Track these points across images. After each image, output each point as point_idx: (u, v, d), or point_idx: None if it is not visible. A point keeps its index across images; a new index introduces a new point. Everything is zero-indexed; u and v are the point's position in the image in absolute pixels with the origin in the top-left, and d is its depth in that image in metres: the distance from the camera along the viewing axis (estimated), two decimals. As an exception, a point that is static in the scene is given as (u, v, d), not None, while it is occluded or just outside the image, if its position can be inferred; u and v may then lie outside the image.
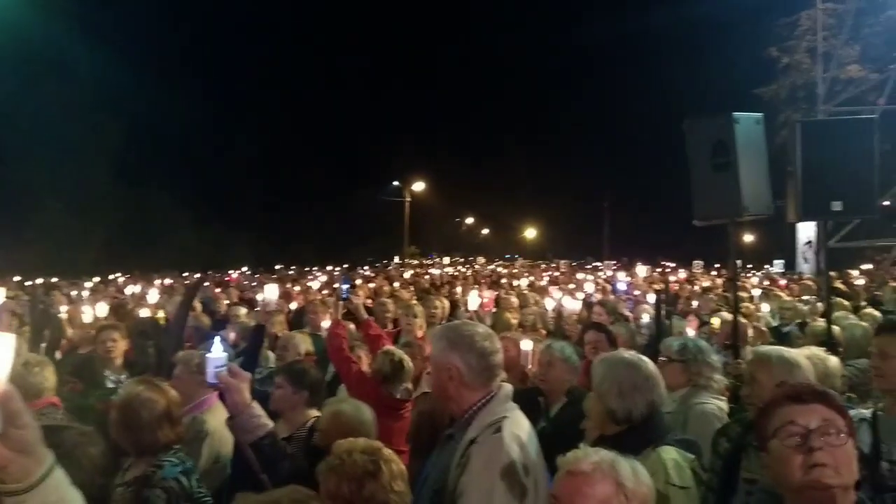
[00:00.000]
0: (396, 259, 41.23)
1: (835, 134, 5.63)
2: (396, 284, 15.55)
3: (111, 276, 23.55)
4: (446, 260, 41.88)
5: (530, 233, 63.11)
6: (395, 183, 45.99)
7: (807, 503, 1.80)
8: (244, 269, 29.83)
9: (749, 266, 27.47)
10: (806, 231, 20.95)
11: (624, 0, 57.35)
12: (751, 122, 5.34)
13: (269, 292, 6.29)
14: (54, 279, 20.81)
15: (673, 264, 29.33)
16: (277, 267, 30.92)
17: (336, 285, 5.56)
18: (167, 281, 19.53)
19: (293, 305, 10.08)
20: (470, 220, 59.33)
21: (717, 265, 25.68)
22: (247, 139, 49.18)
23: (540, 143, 60.59)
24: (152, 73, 39.86)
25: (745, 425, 3.06)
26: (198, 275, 21.85)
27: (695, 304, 9.95)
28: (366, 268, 30.10)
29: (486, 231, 62.08)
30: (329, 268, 27.76)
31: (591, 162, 57.11)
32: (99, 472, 2.53)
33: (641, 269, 15.47)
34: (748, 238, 40.28)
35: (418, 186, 46.39)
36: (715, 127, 5.34)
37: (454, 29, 68.79)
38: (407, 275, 19.94)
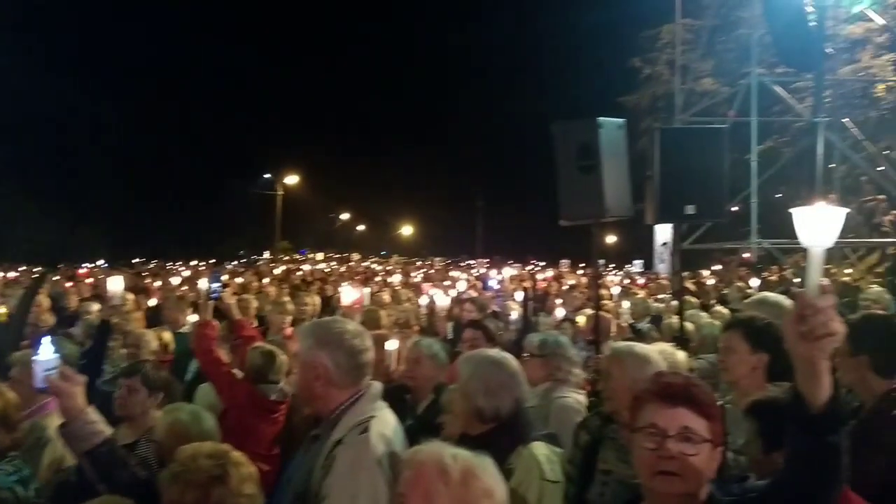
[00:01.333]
0: (266, 254, 40.04)
1: (689, 141, 5.97)
2: (267, 280, 15.10)
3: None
4: (320, 256, 41.18)
5: (406, 230, 63.35)
6: (267, 175, 44.74)
7: (654, 501, 1.91)
8: (100, 262, 27.93)
9: (612, 265, 28.87)
10: (663, 233, 22.26)
11: (500, 5, 58.68)
12: (614, 127, 5.57)
13: (113, 285, 5.61)
14: None
15: (543, 263, 30.38)
16: (136, 261, 29.21)
17: (201, 282, 5.22)
18: (11, 274, 17.96)
19: (152, 301, 9.57)
20: (345, 216, 58.70)
21: (582, 264, 26.81)
22: (106, 126, 46.19)
23: (416, 141, 60.86)
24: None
25: (603, 418, 3.17)
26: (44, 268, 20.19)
27: (559, 301, 10.29)
28: (234, 263, 29.06)
29: (361, 227, 61.66)
30: (193, 263, 26.54)
31: (465, 161, 58.08)
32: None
33: (508, 269, 15.87)
34: (611, 239, 42.37)
35: (291, 180, 45.33)
36: (581, 131, 5.53)
37: (329, 19, 67.90)
38: (278, 270, 19.40)
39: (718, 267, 19.85)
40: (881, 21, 14.43)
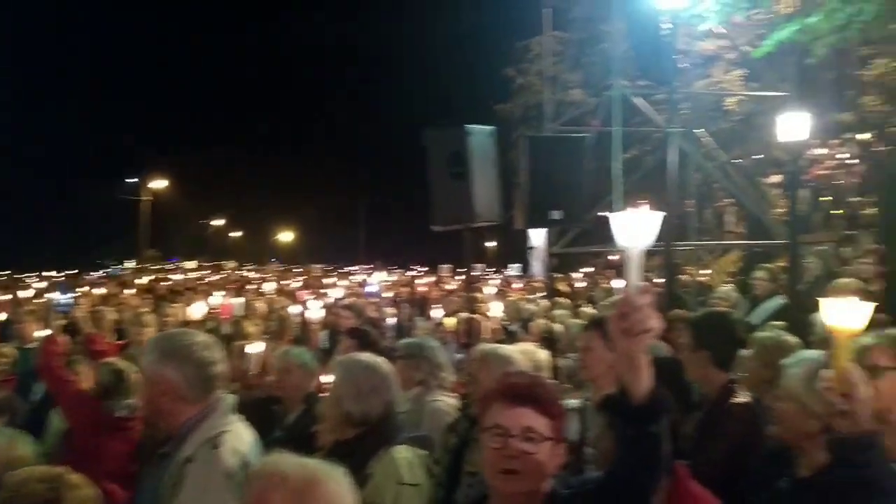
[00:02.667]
0: (129, 263, 37.77)
1: (555, 149, 6.20)
2: (131, 291, 14.28)
3: None
4: (191, 264, 39.43)
5: (286, 236, 61.92)
6: (134, 180, 42.42)
7: (499, 498, 1.96)
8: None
9: (491, 269, 29.48)
10: (537, 237, 22.97)
11: (379, 11, 58.70)
12: (483, 134, 5.69)
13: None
14: None
15: (426, 268, 30.56)
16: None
17: (49, 294, 4.87)
18: None
19: (1, 316, 8.82)
20: (219, 222, 56.58)
21: (463, 269, 27.12)
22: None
23: (295, 145, 59.86)
24: None
25: (471, 420, 3.21)
26: None
27: (436, 306, 10.37)
28: (97, 273, 27.31)
29: (237, 233, 59.65)
30: (48, 274, 24.69)
31: (347, 166, 57.65)
32: None
33: (379, 274, 15.93)
34: (490, 244, 43.32)
35: (160, 184, 43.22)
36: (452, 138, 5.61)
37: (200, 19, 65.40)
38: (143, 280, 18.41)
39: (590, 269, 20.72)
40: (724, 42, 15.59)
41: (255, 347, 4.57)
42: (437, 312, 8.14)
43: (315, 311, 7.26)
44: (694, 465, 2.44)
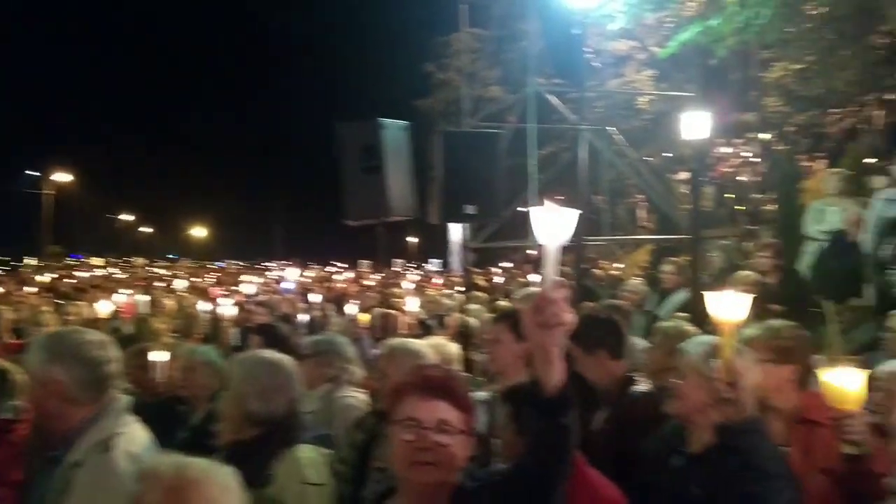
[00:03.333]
0: (29, 260, 35.71)
1: (470, 144, 6.23)
2: (33, 289, 13.56)
3: None
4: (98, 261, 37.71)
5: (199, 232, 60.08)
6: (34, 173, 40.22)
7: (408, 491, 1.97)
8: None
9: (412, 265, 29.47)
10: (458, 232, 23.12)
11: (293, 3, 57.66)
12: (397, 129, 5.69)
13: None
14: None
15: (345, 265, 30.22)
16: None
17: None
18: None
19: None
20: (128, 217, 54.35)
21: (381, 264, 27.00)
22: None
23: (208, 138, 57.98)
24: None
25: (379, 416, 3.19)
26: None
27: (354, 302, 10.29)
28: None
29: (147, 229, 57.46)
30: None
31: (263, 160, 56.46)
32: None
33: (296, 270, 15.67)
34: (412, 239, 43.34)
35: (63, 177, 41.13)
36: (364, 132, 5.59)
37: (108, 10, 62.54)
38: (44, 277, 17.50)
39: (509, 264, 21.00)
40: (636, 42, 16.09)
41: (161, 355, 4.40)
42: (351, 308, 8.08)
43: (227, 308, 7.09)
44: (603, 458, 2.51)
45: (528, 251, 16.51)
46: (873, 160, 12.10)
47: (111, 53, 62.06)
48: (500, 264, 20.28)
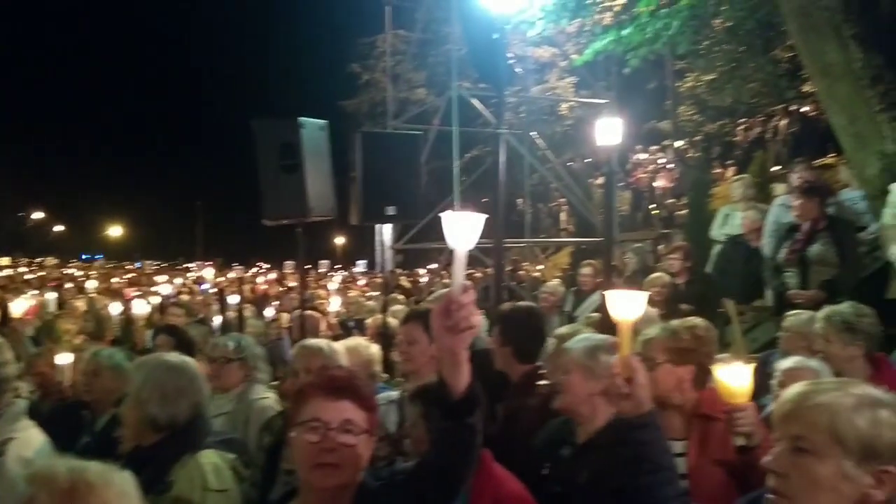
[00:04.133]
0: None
1: (390, 145, 6.24)
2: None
3: None
4: (5, 260, 35.80)
5: (115, 231, 57.79)
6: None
7: (311, 493, 1.96)
8: None
9: (338, 266, 29.21)
10: (384, 233, 23.04)
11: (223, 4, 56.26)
12: (316, 127, 5.63)
13: None
14: None
15: (268, 265, 29.65)
16: None
17: None
18: None
19: None
20: (39, 215, 51.77)
21: (307, 266, 26.68)
22: None
23: (125, 134, 55.98)
24: None
25: (287, 418, 3.16)
26: None
27: (275, 303, 10.17)
28: None
29: (60, 228, 54.87)
30: None
31: (184, 158, 54.84)
32: None
33: (210, 271, 15.35)
34: (340, 240, 42.92)
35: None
36: (283, 130, 5.51)
37: (24, 6, 59.51)
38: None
39: (434, 266, 21.11)
40: (557, 49, 16.47)
41: (66, 358, 4.24)
42: (270, 310, 7.99)
43: (140, 309, 6.88)
44: (501, 451, 2.57)
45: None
46: (777, 168, 12.80)
47: (19, 44, 59.07)
48: (428, 266, 20.38)
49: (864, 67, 6.60)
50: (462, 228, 1.65)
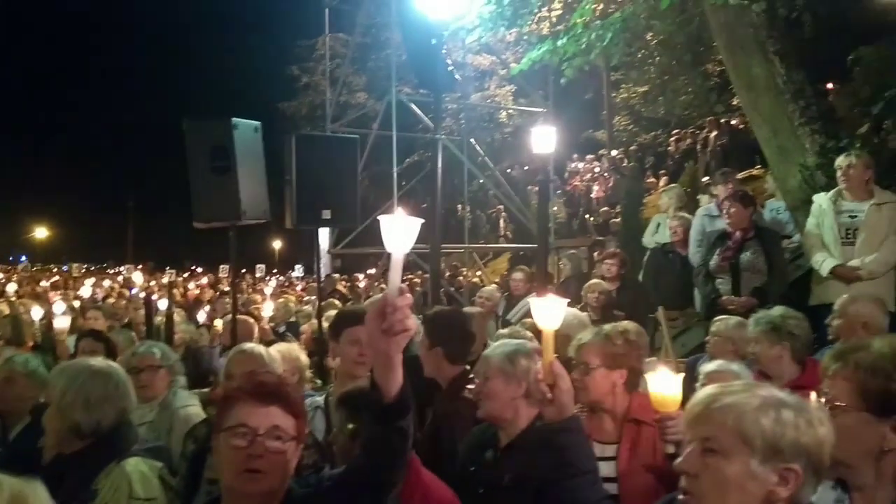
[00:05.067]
0: None
1: (325, 148, 6.15)
2: None
3: None
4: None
5: (41, 232, 55.53)
6: None
7: (234, 501, 1.92)
8: None
9: (275, 271, 28.78)
10: (322, 238, 22.79)
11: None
12: (249, 129, 5.51)
13: None
14: None
15: (202, 269, 29.02)
16: None
17: None
18: None
19: None
20: (-43, 216, 49.40)
21: (243, 269, 26.22)
22: None
23: (52, 133, 53.91)
24: None
25: (211, 426, 3.08)
26: None
27: (208, 308, 9.95)
28: None
29: (-20, 229, 52.38)
30: None
31: (115, 159, 53.16)
32: None
33: (137, 275, 14.96)
34: (278, 244, 42.28)
35: None
36: (215, 131, 5.37)
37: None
38: None
39: (372, 271, 20.99)
40: (494, 58, 16.67)
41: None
42: (202, 315, 7.80)
43: (63, 313, 6.64)
44: (430, 455, 2.57)
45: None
46: (706, 178, 13.22)
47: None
48: (368, 271, 20.25)
49: (786, 82, 6.86)
50: (398, 232, 1.64)
